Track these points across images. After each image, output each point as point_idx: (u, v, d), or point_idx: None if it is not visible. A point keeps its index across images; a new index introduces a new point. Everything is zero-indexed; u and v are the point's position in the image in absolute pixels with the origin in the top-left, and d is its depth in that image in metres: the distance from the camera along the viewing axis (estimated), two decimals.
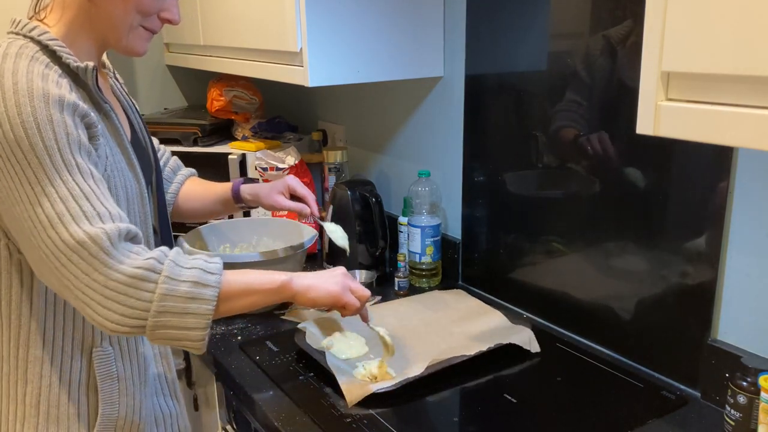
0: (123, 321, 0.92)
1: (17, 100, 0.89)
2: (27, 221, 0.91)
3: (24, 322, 1.02)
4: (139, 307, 0.92)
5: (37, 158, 0.89)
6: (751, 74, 0.69)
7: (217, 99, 2.13)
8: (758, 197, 1.09)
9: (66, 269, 0.90)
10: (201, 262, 0.98)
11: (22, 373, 1.04)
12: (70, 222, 0.90)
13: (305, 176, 1.91)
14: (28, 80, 0.91)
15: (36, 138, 0.89)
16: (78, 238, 0.90)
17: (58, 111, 0.91)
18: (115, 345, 1.08)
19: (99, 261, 0.90)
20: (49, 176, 0.90)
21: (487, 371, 1.28)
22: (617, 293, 1.33)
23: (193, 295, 0.95)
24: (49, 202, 0.90)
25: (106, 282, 0.91)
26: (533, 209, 1.48)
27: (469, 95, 1.60)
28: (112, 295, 0.91)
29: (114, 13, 1.02)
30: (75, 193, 0.91)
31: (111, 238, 0.91)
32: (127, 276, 0.91)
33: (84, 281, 0.91)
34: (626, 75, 1.24)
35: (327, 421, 1.13)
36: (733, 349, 1.14)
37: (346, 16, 1.48)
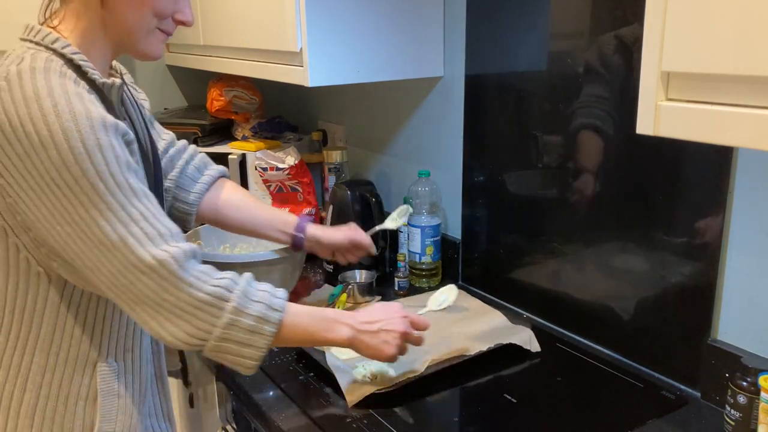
0: (186, 339, 0.94)
1: (62, 125, 0.87)
2: (84, 242, 0.90)
3: (34, 330, 1.00)
4: (204, 329, 0.94)
5: (90, 184, 0.88)
6: (751, 74, 0.69)
7: (217, 99, 2.13)
8: (758, 197, 1.09)
9: (134, 287, 0.91)
10: (268, 296, 1.00)
11: (22, 381, 1.01)
12: (136, 245, 0.90)
13: (305, 176, 1.91)
14: (68, 101, 0.89)
15: (87, 164, 0.88)
16: (147, 262, 0.91)
17: (104, 134, 0.90)
18: (120, 362, 1.07)
19: (169, 282, 0.92)
20: (105, 200, 0.89)
21: (487, 371, 1.28)
22: (617, 293, 1.33)
23: (255, 329, 0.97)
24: (110, 226, 0.90)
25: (177, 302, 0.92)
26: (533, 209, 1.48)
27: (469, 95, 1.60)
28: (181, 314, 0.93)
29: (130, 19, 1.00)
30: (134, 216, 0.91)
31: (178, 260, 0.92)
32: (196, 299, 0.93)
33: (154, 299, 0.92)
34: (625, 75, 1.24)
35: (327, 421, 1.13)
36: (733, 349, 1.14)
37: (346, 16, 1.48)
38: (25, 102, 0.88)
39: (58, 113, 0.87)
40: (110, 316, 1.04)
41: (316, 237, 1.42)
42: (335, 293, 1.60)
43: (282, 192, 1.92)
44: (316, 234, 1.42)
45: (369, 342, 1.11)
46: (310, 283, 1.75)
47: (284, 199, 1.92)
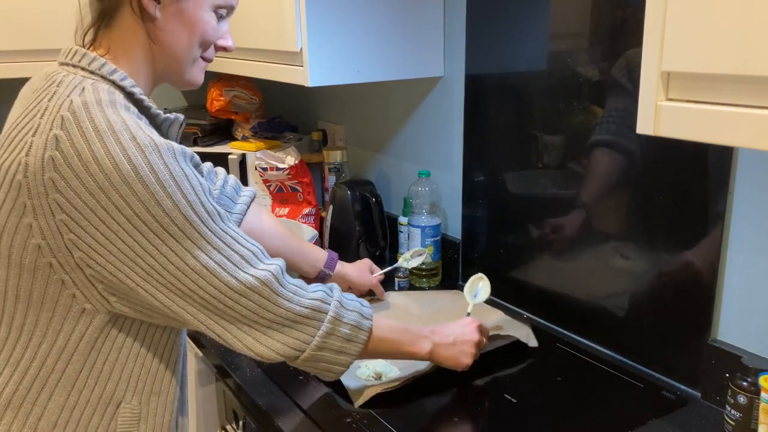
0: (284, 351, 0.96)
1: (145, 158, 0.85)
2: (170, 272, 0.89)
3: (59, 367, 0.94)
4: (302, 340, 0.96)
5: (183, 215, 0.88)
6: (752, 74, 0.69)
7: (217, 99, 2.13)
8: (758, 197, 1.09)
9: (233, 310, 0.92)
10: (359, 305, 1.05)
11: (33, 421, 0.94)
12: (235, 269, 0.91)
13: (305, 176, 1.91)
14: (146, 134, 0.87)
15: (178, 195, 0.87)
16: (248, 283, 0.92)
17: (185, 163, 0.90)
18: (144, 405, 1.01)
19: (270, 300, 0.93)
20: (198, 230, 0.89)
21: (487, 371, 1.28)
22: (617, 293, 1.33)
23: (350, 337, 1.01)
24: (205, 254, 0.89)
25: (276, 318, 0.94)
26: (533, 209, 1.48)
27: (469, 95, 1.60)
28: (280, 328, 0.95)
29: (178, 49, 0.99)
30: (227, 241, 0.92)
31: (278, 277, 0.94)
32: (295, 313, 0.95)
33: (252, 318, 0.93)
34: (625, 75, 1.24)
35: (327, 421, 1.13)
36: (733, 349, 1.14)
37: (346, 16, 1.48)
38: (98, 135, 0.85)
39: (138, 146, 0.85)
40: (144, 355, 0.99)
41: (342, 276, 1.47)
42: None
43: (282, 192, 1.92)
44: (344, 273, 1.48)
45: (447, 354, 1.18)
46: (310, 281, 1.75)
47: (284, 199, 1.92)
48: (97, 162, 0.84)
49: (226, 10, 1.04)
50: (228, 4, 1.03)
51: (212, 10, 1.01)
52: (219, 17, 1.03)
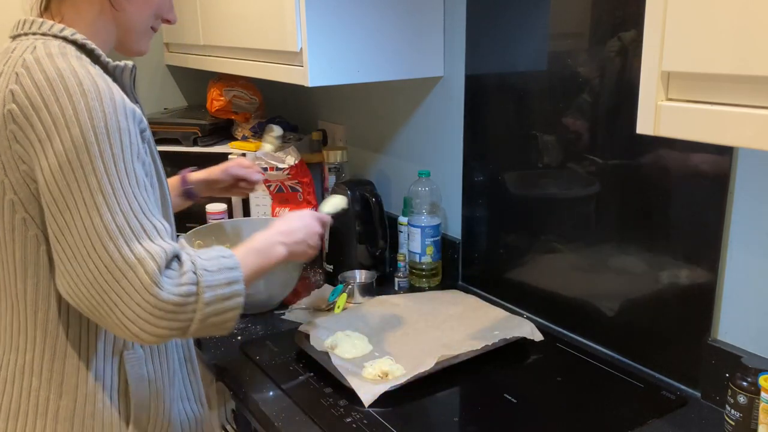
0: (167, 334, 0.93)
1: (87, 104, 0.88)
2: (78, 230, 0.89)
3: (61, 331, 0.99)
4: (184, 320, 0.94)
5: (104, 164, 0.88)
6: (752, 74, 0.69)
7: (217, 99, 2.13)
8: (758, 197, 1.09)
9: (118, 285, 0.89)
10: (222, 261, 1.00)
11: (57, 386, 1.00)
12: (131, 238, 0.90)
13: (305, 176, 1.91)
14: (92, 81, 0.90)
15: (105, 145, 0.88)
16: (138, 255, 0.89)
17: (123, 117, 0.91)
18: (145, 347, 1.07)
19: (152, 281, 0.90)
20: (112, 185, 0.89)
21: (487, 371, 1.28)
22: (617, 293, 1.33)
23: (227, 295, 0.98)
24: (110, 214, 0.89)
25: (157, 303, 0.90)
26: (533, 209, 1.48)
27: (469, 95, 1.60)
28: (161, 314, 0.91)
29: (136, 17, 1.05)
30: (134, 207, 0.91)
31: (167, 255, 0.92)
32: (175, 295, 0.92)
33: (135, 299, 0.89)
34: (625, 75, 1.24)
35: (327, 421, 1.13)
36: (733, 349, 1.14)
37: (346, 16, 1.48)
38: (48, 83, 0.88)
39: (83, 92, 0.88)
40: None
41: (200, 179, 1.45)
42: (335, 293, 1.60)
43: (282, 192, 1.92)
44: (200, 177, 1.46)
45: (299, 250, 1.20)
46: (310, 283, 1.76)
47: (284, 199, 1.92)
48: (47, 108, 0.87)
49: None
50: None
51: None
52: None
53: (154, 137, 1.32)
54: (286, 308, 1.60)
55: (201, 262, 0.98)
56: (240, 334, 1.48)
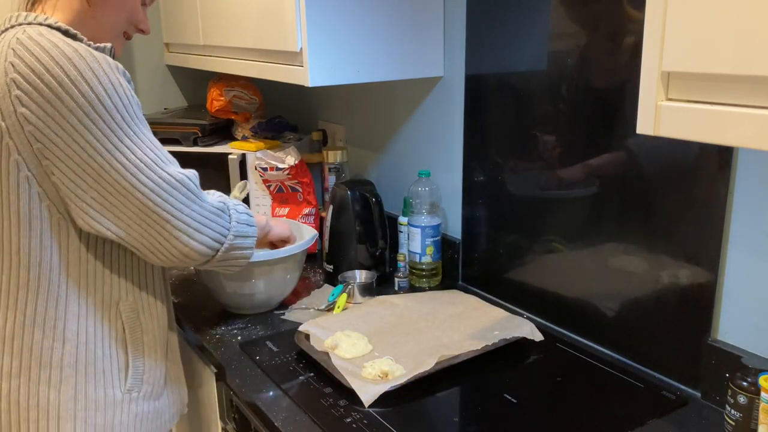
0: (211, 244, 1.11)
1: (87, 64, 0.98)
2: (115, 169, 1.01)
3: (62, 281, 1.09)
4: (222, 233, 1.12)
5: (120, 114, 1.01)
6: (752, 74, 0.69)
7: (217, 99, 2.13)
8: (758, 197, 1.09)
9: (168, 204, 1.05)
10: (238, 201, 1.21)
11: (60, 332, 1.10)
12: (164, 165, 1.05)
13: (305, 176, 1.91)
14: (85, 48, 1.00)
15: (116, 97, 1.00)
16: (177, 177, 1.06)
17: (121, 75, 1.03)
18: (138, 299, 1.18)
19: (194, 195, 1.08)
20: (133, 129, 1.02)
21: (487, 371, 1.28)
22: (617, 293, 1.33)
23: (248, 222, 1.19)
24: (141, 151, 1.03)
25: (201, 211, 1.09)
26: (533, 209, 1.48)
27: (469, 95, 1.60)
28: (206, 222, 1.09)
29: (108, 21, 1.15)
30: (156, 144, 1.06)
31: (197, 177, 1.10)
32: (214, 207, 1.11)
33: (185, 212, 1.07)
34: (625, 75, 1.24)
35: (327, 421, 1.13)
36: (733, 349, 1.14)
37: (346, 16, 1.48)
38: (45, 52, 0.97)
39: (81, 55, 0.98)
40: (123, 256, 1.15)
41: None
42: (335, 293, 1.60)
43: (282, 192, 1.92)
44: None
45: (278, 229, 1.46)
46: (310, 283, 1.76)
47: (284, 199, 1.92)
48: (48, 72, 0.97)
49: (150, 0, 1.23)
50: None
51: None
52: (142, 3, 1.20)
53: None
54: (286, 308, 1.60)
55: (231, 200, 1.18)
56: (240, 334, 1.48)
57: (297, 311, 1.58)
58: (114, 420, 1.15)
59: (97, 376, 1.13)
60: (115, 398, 1.15)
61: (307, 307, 1.60)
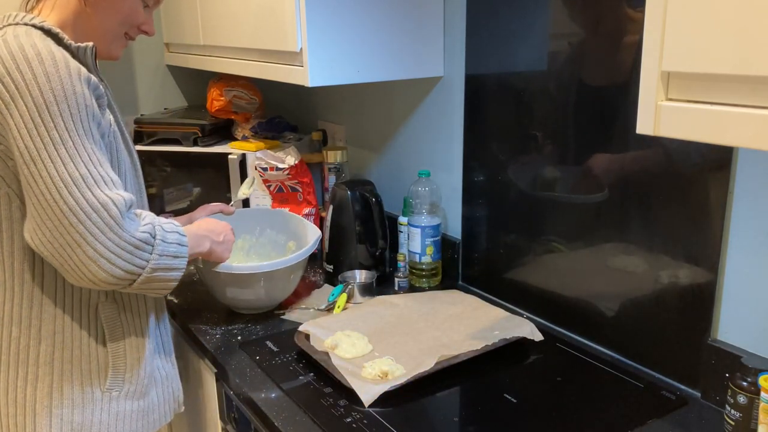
0: (123, 276, 1.04)
1: (44, 69, 0.99)
2: (44, 179, 0.99)
3: (37, 281, 1.10)
4: (139, 265, 1.05)
5: (63, 122, 0.99)
6: (751, 74, 0.69)
7: (217, 99, 2.13)
8: (758, 197, 1.09)
9: (83, 226, 1.00)
10: (173, 225, 1.13)
11: (36, 332, 1.11)
12: (93, 185, 1.01)
13: (305, 176, 1.91)
14: (50, 51, 1.00)
15: (64, 105, 0.99)
16: (101, 200, 1.01)
17: (79, 82, 1.02)
18: (118, 300, 1.18)
19: (115, 222, 1.02)
20: (73, 140, 1.00)
21: (487, 371, 1.28)
22: (617, 293, 1.33)
23: (177, 254, 1.11)
24: (73, 164, 1.00)
25: (119, 242, 1.02)
26: (533, 209, 1.48)
27: (469, 95, 1.60)
28: (121, 253, 1.03)
29: (105, 22, 1.15)
30: (93, 160, 1.03)
31: (126, 203, 1.04)
32: (135, 238, 1.04)
33: (99, 239, 1.01)
34: (625, 75, 1.24)
35: (327, 421, 1.13)
36: (733, 349, 1.14)
37: (346, 16, 1.48)
38: (10, 55, 1.00)
39: (41, 60, 0.99)
40: None
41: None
42: (335, 293, 1.60)
43: (282, 192, 1.92)
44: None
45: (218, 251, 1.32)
46: (310, 283, 1.76)
47: (284, 199, 1.92)
48: (9, 75, 0.98)
49: (152, 2, 1.21)
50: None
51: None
52: (145, 6, 1.20)
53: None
54: (286, 308, 1.60)
55: (158, 220, 1.11)
56: (240, 334, 1.48)
57: (297, 311, 1.58)
58: (93, 418, 1.16)
59: (74, 375, 1.14)
60: (93, 396, 1.16)
61: (307, 307, 1.60)
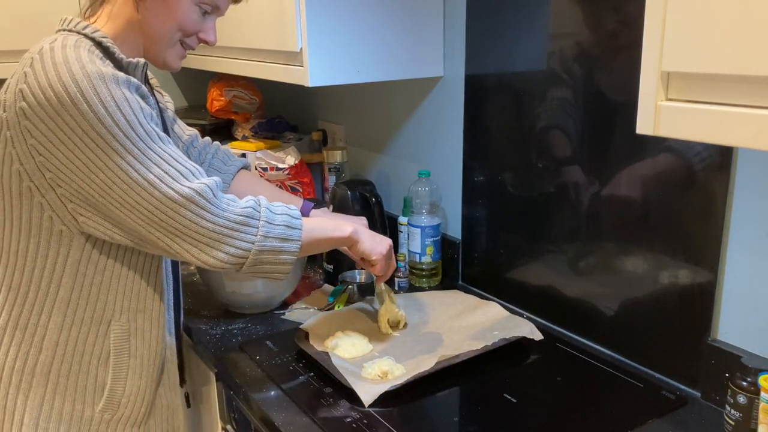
0: (228, 259, 1.04)
1: (90, 82, 0.96)
2: (119, 186, 0.99)
3: (52, 290, 1.07)
4: (243, 247, 1.05)
5: (122, 132, 0.98)
6: (751, 74, 0.69)
7: (217, 99, 2.13)
8: (758, 197, 1.09)
9: (174, 220, 1.01)
10: (286, 209, 1.12)
11: (38, 340, 1.08)
12: (172, 181, 1.01)
13: (305, 176, 1.91)
14: (94, 65, 0.98)
15: (118, 114, 0.97)
16: (185, 194, 1.01)
17: (127, 89, 1.00)
18: (132, 321, 1.14)
19: (206, 210, 1.02)
20: (137, 146, 0.99)
21: (487, 371, 1.28)
22: (617, 293, 1.33)
23: (286, 236, 1.09)
24: (145, 168, 0.99)
25: (214, 227, 1.03)
26: (533, 209, 1.48)
27: (469, 95, 1.60)
28: (221, 237, 1.03)
29: (158, 28, 1.11)
30: (165, 158, 1.01)
31: (213, 189, 1.03)
32: (232, 221, 1.04)
33: (194, 228, 1.02)
34: (625, 75, 1.24)
35: (327, 421, 1.13)
36: (733, 349, 1.14)
37: (346, 16, 1.48)
38: (54, 67, 0.97)
39: (86, 73, 0.97)
40: (125, 276, 1.12)
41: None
42: (335, 293, 1.60)
43: None
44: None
45: (367, 239, 1.25)
46: (311, 283, 1.76)
47: None
48: (51, 88, 0.96)
49: (210, 7, 1.15)
50: (212, 3, 1.15)
51: (195, 4, 1.12)
52: (203, 12, 1.14)
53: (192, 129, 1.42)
54: (286, 308, 1.60)
55: (266, 202, 1.10)
56: (240, 334, 1.48)
57: (297, 311, 1.58)
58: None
59: (68, 390, 1.10)
60: (83, 416, 1.12)
61: (307, 307, 1.60)
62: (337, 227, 1.22)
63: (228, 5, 1.19)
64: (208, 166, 1.44)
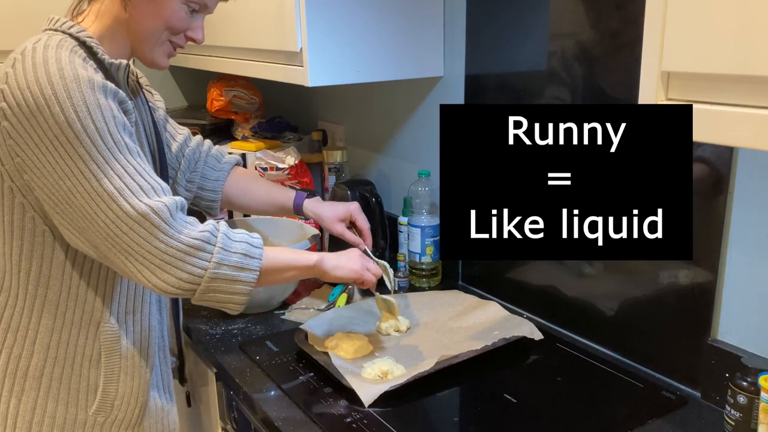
0: (178, 284, 1.00)
1: (65, 85, 0.95)
2: (81, 195, 0.97)
3: (40, 293, 1.06)
4: (195, 273, 1.01)
5: (89, 138, 0.96)
6: (752, 74, 0.69)
7: (217, 99, 2.13)
8: (758, 197, 1.09)
9: (127, 237, 0.98)
10: (246, 237, 1.08)
11: (30, 343, 1.07)
12: (131, 196, 0.98)
13: (305, 176, 1.91)
14: (73, 68, 0.97)
15: (87, 120, 0.95)
16: (141, 210, 0.97)
17: (103, 96, 0.98)
18: (122, 323, 1.13)
19: (160, 230, 0.98)
20: (103, 155, 0.97)
21: (487, 371, 1.28)
22: (617, 293, 1.33)
23: (242, 265, 1.05)
24: (107, 179, 0.97)
25: (167, 249, 0.99)
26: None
27: (469, 95, 1.59)
28: (172, 260, 0.99)
29: (146, 27, 1.10)
30: (129, 170, 0.99)
31: (170, 209, 1.00)
32: (185, 245, 1.00)
33: (145, 248, 0.98)
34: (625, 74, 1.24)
35: (327, 421, 1.13)
36: (733, 349, 1.14)
37: (346, 16, 1.48)
38: (33, 68, 0.96)
39: (62, 75, 0.95)
40: (112, 278, 1.10)
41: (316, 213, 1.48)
42: (335, 293, 1.60)
43: None
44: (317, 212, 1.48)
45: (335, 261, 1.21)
46: (311, 283, 1.75)
47: None
48: (29, 89, 0.95)
49: (198, 5, 1.13)
50: (200, 1, 1.13)
51: (183, 2, 1.11)
52: (191, 10, 1.13)
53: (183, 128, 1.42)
54: (286, 308, 1.60)
55: (225, 228, 1.06)
56: (240, 334, 1.48)
57: (297, 311, 1.58)
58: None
59: (61, 393, 1.09)
60: (77, 418, 1.11)
61: (307, 307, 1.60)
62: (300, 257, 1.18)
63: (216, 4, 1.18)
64: (203, 164, 1.44)
